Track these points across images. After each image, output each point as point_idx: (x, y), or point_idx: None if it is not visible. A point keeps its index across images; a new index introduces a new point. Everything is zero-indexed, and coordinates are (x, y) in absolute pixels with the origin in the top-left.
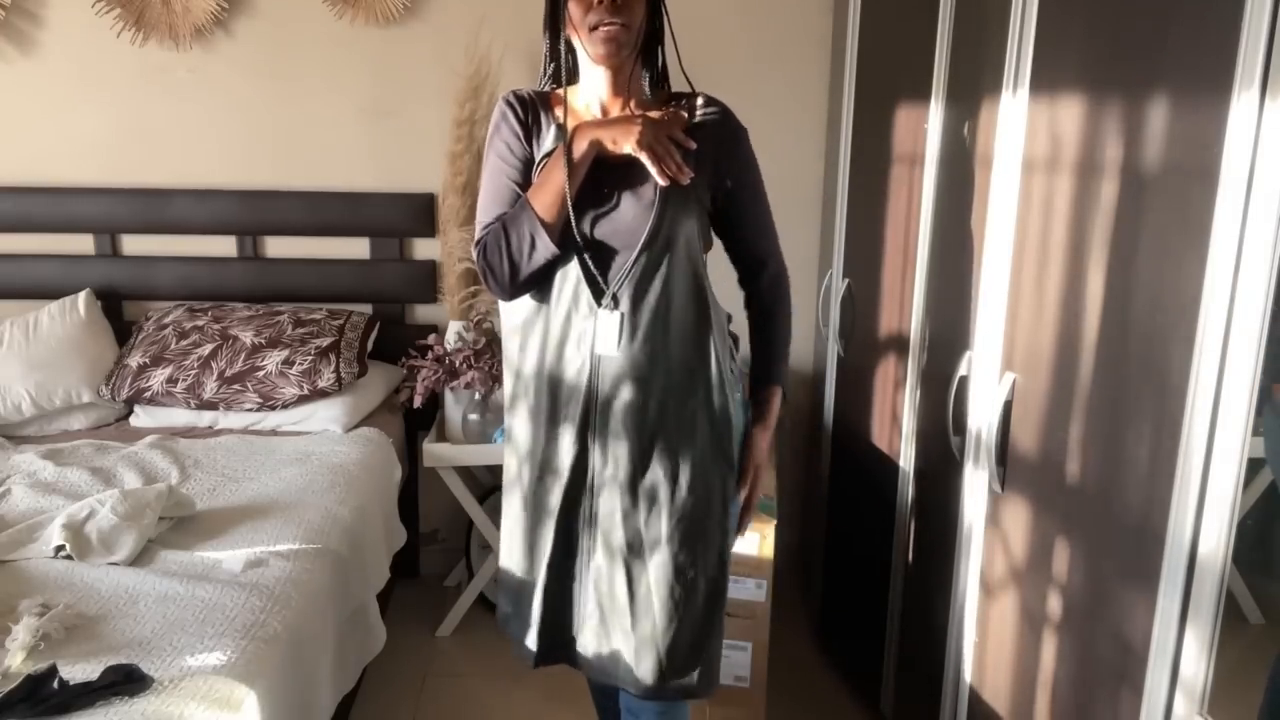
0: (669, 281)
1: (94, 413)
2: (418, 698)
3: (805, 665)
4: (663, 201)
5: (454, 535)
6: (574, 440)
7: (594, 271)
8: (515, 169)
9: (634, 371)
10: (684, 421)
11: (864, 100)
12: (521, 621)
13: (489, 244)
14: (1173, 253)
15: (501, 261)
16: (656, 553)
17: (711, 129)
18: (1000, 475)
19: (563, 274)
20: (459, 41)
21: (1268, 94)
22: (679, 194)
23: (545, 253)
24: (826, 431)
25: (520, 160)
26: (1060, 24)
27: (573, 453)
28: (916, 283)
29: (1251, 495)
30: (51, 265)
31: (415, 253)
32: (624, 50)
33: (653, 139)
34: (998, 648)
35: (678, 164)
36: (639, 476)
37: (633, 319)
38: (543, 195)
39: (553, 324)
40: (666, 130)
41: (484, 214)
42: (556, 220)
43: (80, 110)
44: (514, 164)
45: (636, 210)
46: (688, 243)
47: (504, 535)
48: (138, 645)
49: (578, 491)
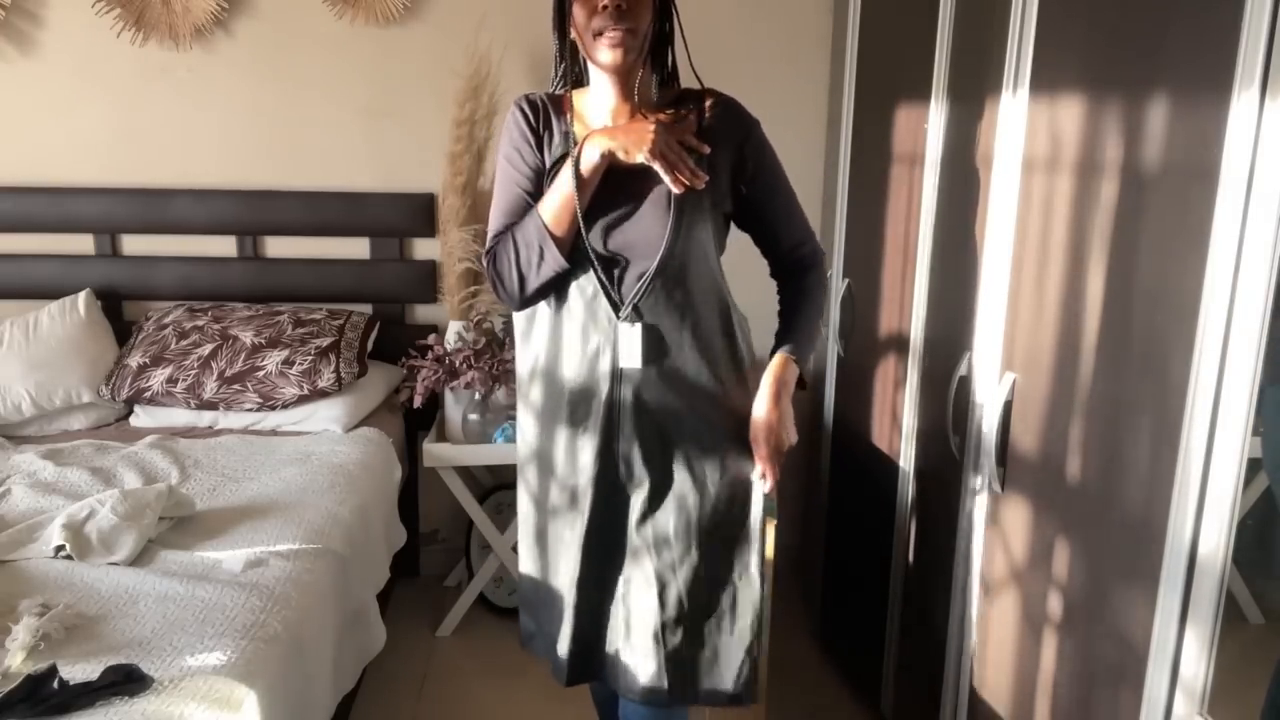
0: (689, 291)
1: (94, 413)
2: (418, 698)
3: (805, 665)
4: (679, 210)
5: (454, 535)
6: (596, 455)
7: (608, 285)
8: (525, 177)
9: (658, 384)
10: (710, 431)
11: (864, 100)
12: (547, 640)
13: (498, 254)
14: (1173, 253)
15: (510, 272)
16: (686, 563)
17: (723, 128)
18: (1000, 475)
19: (579, 285)
20: (459, 41)
21: (1268, 94)
22: (694, 200)
23: (554, 265)
24: (826, 432)
25: (530, 168)
26: (1060, 24)
27: (595, 468)
28: (916, 283)
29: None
30: (51, 265)
31: (415, 253)
32: (630, 55)
33: (665, 146)
34: (998, 647)
35: (692, 170)
36: (665, 489)
37: (654, 331)
38: (552, 207)
39: (570, 335)
40: (678, 135)
41: (494, 222)
42: (566, 233)
43: (80, 110)
44: (524, 171)
45: (652, 220)
46: (706, 250)
47: (522, 553)
48: (138, 645)
49: (602, 506)
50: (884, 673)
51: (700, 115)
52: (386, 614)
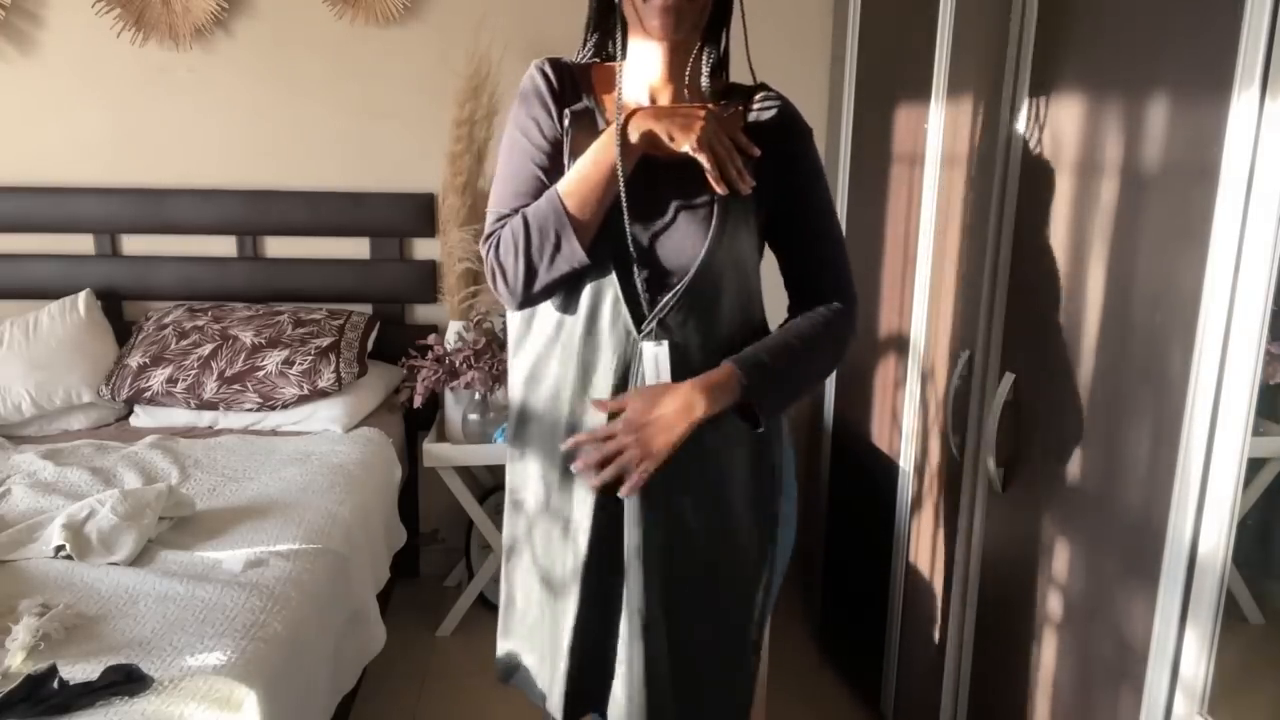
0: (722, 309)
1: (94, 413)
2: (418, 698)
3: (805, 665)
4: (722, 214)
5: (454, 535)
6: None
7: (639, 293)
8: (542, 152)
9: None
10: (726, 473)
11: (864, 100)
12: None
13: (503, 240)
14: (1173, 252)
15: (516, 263)
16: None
17: (771, 130)
18: (1000, 475)
19: (595, 287)
20: (459, 41)
21: (1268, 94)
22: (739, 206)
23: (571, 260)
24: (826, 431)
25: (549, 142)
26: (1060, 23)
27: (593, 502)
28: (917, 283)
29: (1251, 495)
30: (51, 265)
31: (415, 253)
32: (685, 23)
33: (714, 138)
34: (998, 647)
35: (739, 170)
36: (674, 532)
37: (680, 352)
38: (578, 189)
39: (576, 347)
40: (729, 130)
41: (500, 202)
42: (592, 221)
43: (80, 110)
44: (541, 146)
45: (689, 223)
46: (744, 264)
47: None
48: (138, 645)
49: (601, 548)
50: (884, 673)
51: (748, 111)
52: (386, 614)
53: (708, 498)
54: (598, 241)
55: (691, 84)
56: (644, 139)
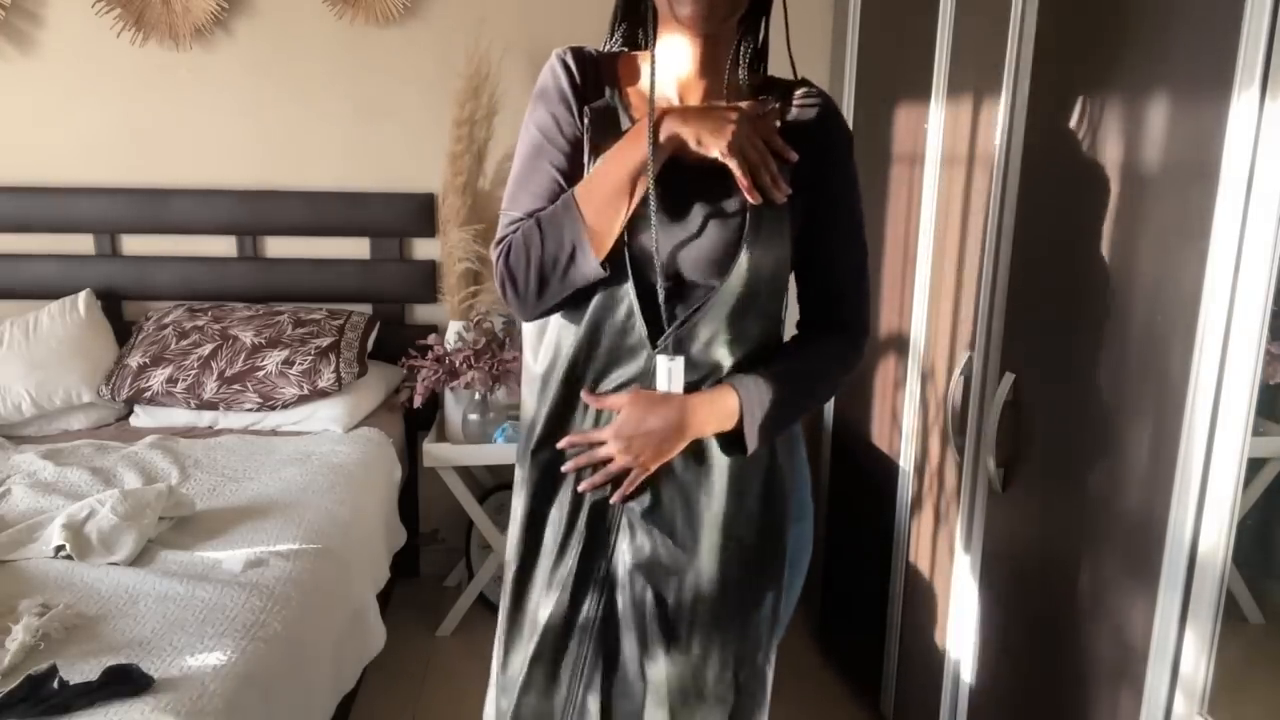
0: (746, 327)
1: (94, 413)
2: (418, 698)
3: (805, 665)
4: (755, 225)
5: (454, 535)
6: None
7: (662, 304)
8: (561, 152)
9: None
10: (738, 499)
11: (864, 100)
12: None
13: (514, 247)
14: (1173, 252)
15: (527, 271)
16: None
17: (807, 130)
18: (1000, 475)
19: (608, 295)
20: (459, 41)
21: (1268, 94)
22: (772, 216)
23: (586, 272)
24: (826, 431)
25: (569, 142)
26: (1060, 23)
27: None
28: (916, 283)
29: (1251, 495)
30: (51, 265)
31: (415, 253)
32: (720, 12)
33: (746, 142)
34: (998, 647)
35: (773, 176)
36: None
37: (696, 370)
38: (596, 195)
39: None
40: (764, 133)
41: (513, 204)
42: (611, 231)
43: (80, 110)
44: (560, 145)
45: (718, 233)
46: (774, 281)
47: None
48: (138, 645)
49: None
50: (884, 673)
51: (786, 109)
52: (386, 614)
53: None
54: (618, 249)
55: (730, 82)
56: (670, 142)
